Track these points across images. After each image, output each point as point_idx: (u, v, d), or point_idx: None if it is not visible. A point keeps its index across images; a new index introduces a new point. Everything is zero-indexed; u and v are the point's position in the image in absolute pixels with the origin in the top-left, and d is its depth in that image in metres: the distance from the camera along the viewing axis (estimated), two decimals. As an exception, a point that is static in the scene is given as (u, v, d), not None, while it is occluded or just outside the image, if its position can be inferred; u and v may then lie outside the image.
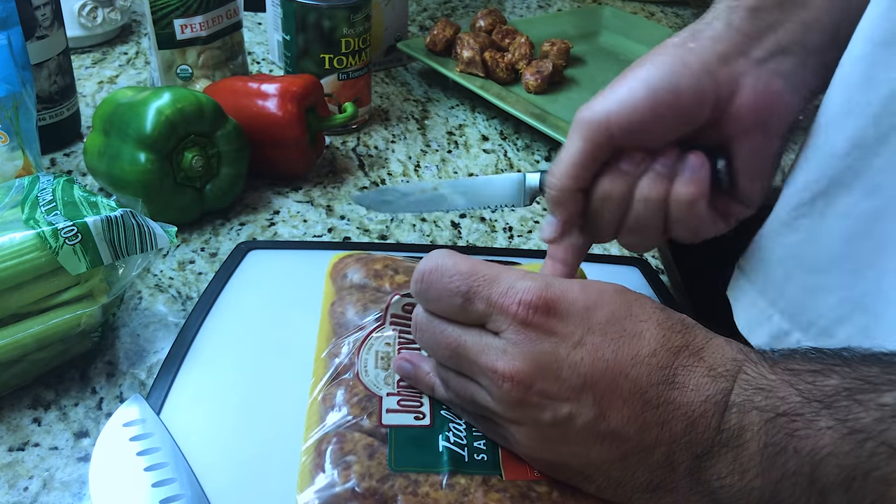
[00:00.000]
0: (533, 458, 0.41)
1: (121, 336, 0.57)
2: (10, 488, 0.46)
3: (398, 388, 0.46)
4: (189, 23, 0.80)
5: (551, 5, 1.25)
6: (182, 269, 0.64)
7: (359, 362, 0.47)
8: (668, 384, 0.37)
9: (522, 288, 0.39)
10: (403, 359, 0.46)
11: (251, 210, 0.72)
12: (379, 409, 0.44)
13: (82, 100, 0.87)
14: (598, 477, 0.39)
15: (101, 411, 0.51)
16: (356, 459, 0.41)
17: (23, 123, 0.65)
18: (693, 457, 0.36)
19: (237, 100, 0.73)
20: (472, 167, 0.80)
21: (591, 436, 0.38)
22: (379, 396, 0.45)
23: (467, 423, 0.44)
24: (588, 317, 0.38)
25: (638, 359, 0.37)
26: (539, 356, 0.38)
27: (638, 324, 0.39)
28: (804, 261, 0.44)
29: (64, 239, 0.49)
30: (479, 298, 0.39)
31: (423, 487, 0.40)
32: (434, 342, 0.42)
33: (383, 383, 0.46)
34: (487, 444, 0.42)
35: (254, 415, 0.49)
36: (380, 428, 0.43)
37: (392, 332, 0.49)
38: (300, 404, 0.50)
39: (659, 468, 0.37)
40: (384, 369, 0.47)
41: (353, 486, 0.40)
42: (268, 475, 0.46)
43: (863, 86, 0.41)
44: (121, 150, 0.65)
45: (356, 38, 0.81)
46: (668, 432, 0.37)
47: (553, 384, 0.37)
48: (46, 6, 0.73)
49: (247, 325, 0.55)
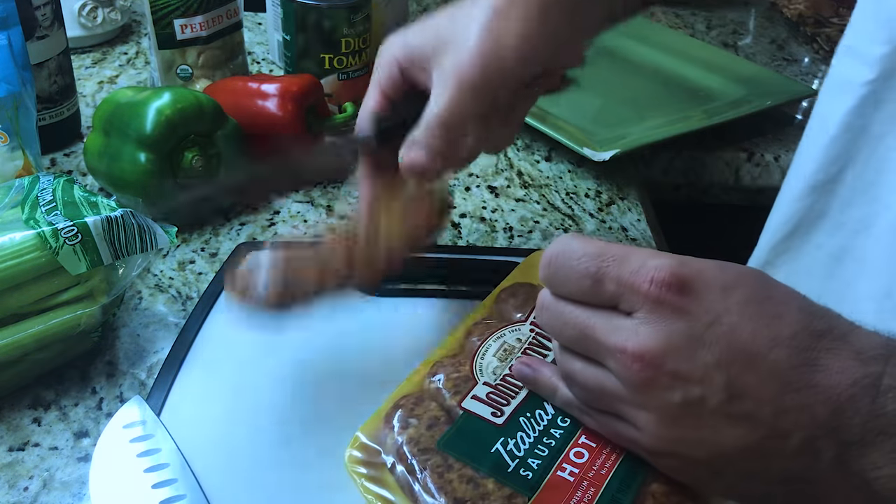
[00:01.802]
0: (659, 451, 0.38)
1: (121, 336, 0.57)
2: (10, 488, 0.46)
3: (497, 383, 0.45)
4: (189, 23, 0.80)
5: (551, 5, 1.25)
6: (182, 269, 0.64)
7: (482, 346, 0.48)
8: (811, 367, 0.35)
9: (655, 265, 0.37)
10: (523, 362, 0.45)
11: (251, 210, 0.72)
12: (467, 392, 0.45)
13: (82, 100, 0.87)
14: (728, 470, 0.37)
15: (102, 411, 0.51)
16: (416, 423, 0.43)
17: (23, 123, 0.65)
18: (841, 444, 0.34)
19: (237, 100, 0.73)
20: (471, 167, 0.80)
21: (723, 420, 0.35)
22: (476, 381, 0.46)
23: (537, 438, 0.42)
24: (725, 296, 0.36)
25: (778, 340, 0.35)
26: (671, 335, 0.36)
27: (778, 306, 0.36)
28: None
29: (64, 239, 0.49)
30: (609, 279, 0.38)
31: (451, 473, 0.41)
32: (561, 322, 0.40)
33: (490, 372, 0.46)
34: (541, 466, 0.41)
35: (254, 415, 0.49)
36: (457, 408, 0.44)
37: (528, 332, 0.49)
38: (302, 404, 0.50)
39: (798, 456, 0.35)
40: (500, 360, 0.47)
41: (400, 443, 0.42)
42: (268, 475, 0.46)
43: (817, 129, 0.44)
44: (121, 150, 0.65)
45: (356, 38, 0.81)
46: (810, 417, 0.34)
47: (685, 364, 0.35)
48: (46, 6, 0.73)
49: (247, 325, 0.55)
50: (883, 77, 0.45)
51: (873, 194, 0.45)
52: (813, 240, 0.43)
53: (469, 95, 0.47)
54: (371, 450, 0.44)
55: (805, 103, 0.94)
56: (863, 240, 0.45)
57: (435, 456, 0.41)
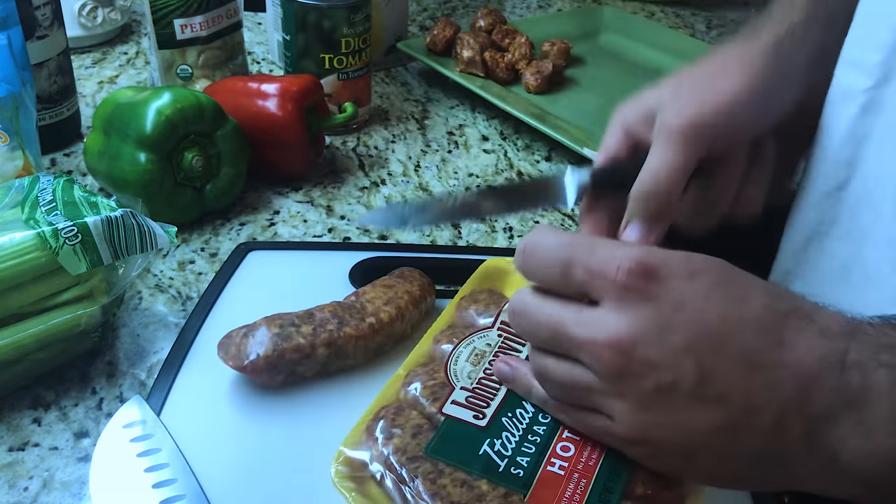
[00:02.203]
0: (633, 439, 0.39)
1: (121, 336, 0.57)
2: (10, 488, 0.46)
3: (475, 387, 0.46)
4: (189, 23, 0.80)
5: (551, 5, 1.25)
6: (182, 269, 0.64)
7: (454, 353, 0.48)
8: (777, 345, 0.35)
9: (622, 255, 0.38)
10: (503, 361, 0.46)
11: (251, 210, 0.72)
12: (446, 398, 0.45)
13: (82, 100, 0.87)
14: (701, 452, 0.37)
15: (102, 411, 0.51)
16: (400, 433, 0.43)
17: (23, 123, 0.65)
18: (807, 420, 0.35)
19: (237, 100, 0.73)
20: (472, 167, 0.80)
21: (696, 402, 0.36)
22: (453, 387, 0.46)
23: (521, 436, 0.43)
24: (691, 282, 0.37)
25: (744, 322, 0.36)
26: (639, 321, 0.37)
27: (743, 290, 0.37)
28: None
29: (64, 239, 0.49)
30: (578, 265, 0.39)
31: (443, 479, 0.41)
32: (533, 323, 0.41)
33: (465, 377, 0.47)
34: (531, 463, 0.42)
35: (254, 415, 0.49)
36: (437, 415, 0.44)
37: (496, 337, 0.50)
38: (300, 403, 0.50)
39: (769, 435, 0.36)
40: (473, 365, 0.47)
41: (387, 454, 0.42)
42: (268, 474, 0.46)
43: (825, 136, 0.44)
44: (121, 150, 0.65)
45: (356, 38, 0.81)
46: (779, 395, 0.35)
47: (655, 349, 0.36)
48: (46, 6, 0.73)
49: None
50: (878, 84, 0.46)
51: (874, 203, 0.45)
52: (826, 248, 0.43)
53: (678, 145, 0.46)
54: (356, 464, 0.43)
55: (805, 103, 0.94)
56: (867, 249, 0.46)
57: (424, 463, 0.41)
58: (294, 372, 0.50)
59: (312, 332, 0.50)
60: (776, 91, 0.48)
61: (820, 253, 0.46)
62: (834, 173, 0.48)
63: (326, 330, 0.51)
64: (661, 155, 0.47)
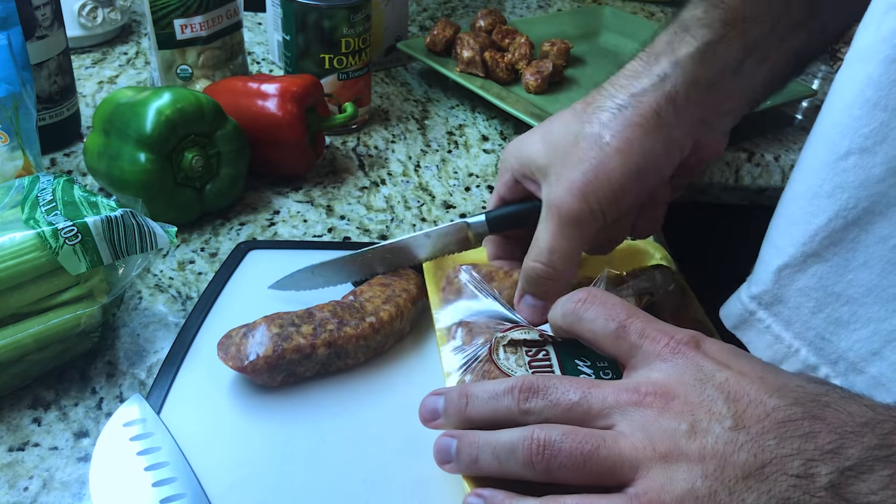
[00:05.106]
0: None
1: (121, 336, 0.57)
2: (10, 488, 0.46)
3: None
4: (189, 23, 0.80)
5: (551, 5, 1.25)
6: (182, 269, 0.64)
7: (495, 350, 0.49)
8: (821, 405, 0.36)
9: (677, 330, 0.40)
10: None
11: (251, 210, 0.72)
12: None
13: (82, 100, 0.87)
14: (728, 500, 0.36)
15: (101, 411, 0.51)
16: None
17: (23, 123, 0.65)
18: (838, 469, 0.34)
19: (237, 100, 0.73)
20: (472, 167, 0.80)
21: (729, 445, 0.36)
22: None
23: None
24: (736, 354, 0.39)
25: (787, 387, 0.37)
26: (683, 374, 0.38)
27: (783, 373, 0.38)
28: (834, 291, 0.43)
29: (64, 239, 0.49)
30: (634, 330, 0.41)
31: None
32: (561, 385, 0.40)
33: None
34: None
35: (254, 414, 0.49)
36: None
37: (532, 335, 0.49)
38: (300, 403, 0.50)
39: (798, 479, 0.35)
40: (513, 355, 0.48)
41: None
42: (268, 473, 0.46)
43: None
44: (121, 150, 0.65)
45: (356, 38, 0.81)
46: (813, 443, 0.35)
47: (695, 395, 0.37)
48: (46, 6, 0.73)
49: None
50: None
51: None
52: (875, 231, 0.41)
53: (570, 231, 0.49)
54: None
55: (805, 103, 0.94)
56: None
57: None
58: (294, 372, 0.50)
59: (312, 331, 0.50)
60: (660, 161, 0.50)
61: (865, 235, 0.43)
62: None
63: (326, 330, 0.51)
64: (551, 240, 0.49)
